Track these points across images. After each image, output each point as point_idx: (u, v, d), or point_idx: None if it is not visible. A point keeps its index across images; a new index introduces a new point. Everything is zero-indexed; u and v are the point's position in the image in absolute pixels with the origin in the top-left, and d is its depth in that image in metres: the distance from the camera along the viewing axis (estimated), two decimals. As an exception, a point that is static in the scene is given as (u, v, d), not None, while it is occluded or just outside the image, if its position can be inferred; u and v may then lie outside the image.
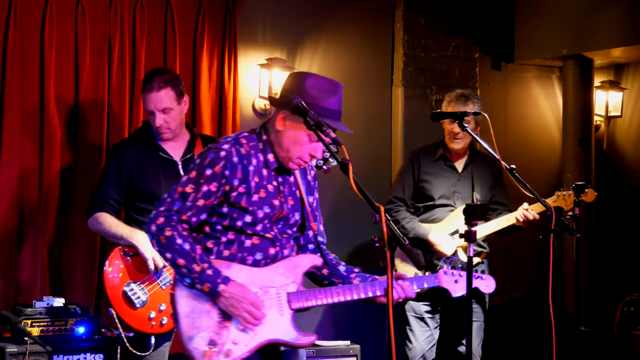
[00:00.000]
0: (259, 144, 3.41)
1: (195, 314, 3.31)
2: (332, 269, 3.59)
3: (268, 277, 3.39)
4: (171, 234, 3.27)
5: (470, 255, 3.95)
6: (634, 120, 7.17)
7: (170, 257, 3.28)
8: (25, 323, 4.61)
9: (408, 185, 5.44)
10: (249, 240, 3.38)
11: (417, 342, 5.38)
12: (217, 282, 3.27)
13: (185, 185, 3.32)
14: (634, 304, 6.59)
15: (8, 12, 5.13)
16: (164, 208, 3.31)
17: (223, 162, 3.31)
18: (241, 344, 3.31)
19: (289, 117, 3.35)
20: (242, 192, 3.34)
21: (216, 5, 5.72)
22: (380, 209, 3.13)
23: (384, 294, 3.50)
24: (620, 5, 6.27)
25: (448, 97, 5.39)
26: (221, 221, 3.37)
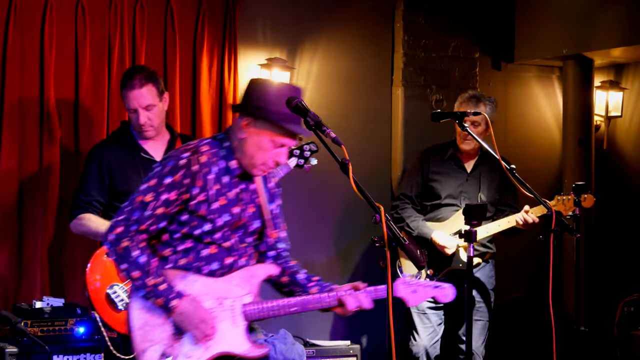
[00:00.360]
0: (220, 151, 3.39)
1: (149, 326, 3.32)
2: (292, 277, 3.59)
3: (223, 288, 3.38)
4: (128, 244, 3.28)
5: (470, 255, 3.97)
6: (634, 120, 7.17)
7: (125, 269, 3.28)
8: (25, 323, 4.60)
9: (416, 183, 5.46)
10: (206, 249, 3.37)
11: (419, 338, 5.42)
12: (169, 298, 3.28)
13: (144, 193, 3.30)
14: (634, 304, 6.59)
15: (8, 12, 5.13)
16: (123, 217, 3.30)
17: (183, 170, 3.30)
18: (194, 357, 3.33)
19: (252, 123, 3.33)
20: (201, 200, 3.32)
21: (216, 5, 5.72)
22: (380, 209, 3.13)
23: (339, 305, 3.50)
24: (620, 5, 6.27)
25: (460, 98, 5.41)
26: (180, 229, 3.36)
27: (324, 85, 6.25)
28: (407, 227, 5.32)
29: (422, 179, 5.45)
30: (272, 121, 3.30)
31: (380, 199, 4.30)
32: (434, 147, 5.56)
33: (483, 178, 5.38)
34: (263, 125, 3.31)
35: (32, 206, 5.20)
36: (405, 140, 6.38)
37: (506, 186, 5.38)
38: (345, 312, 3.52)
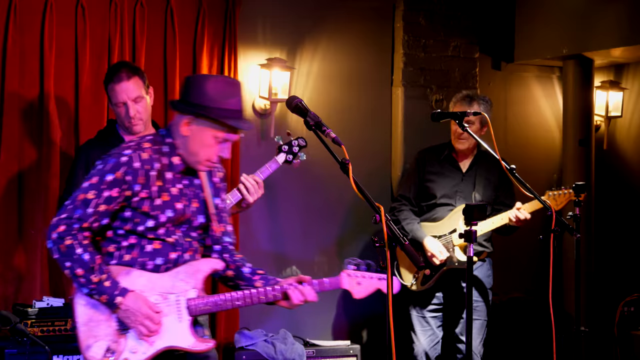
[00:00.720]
0: (163, 147, 3.42)
1: (94, 322, 3.36)
2: (237, 271, 3.61)
3: (168, 283, 3.41)
4: (71, 242, 3.29)
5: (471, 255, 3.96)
6: (634, 120, 7.17)
7: (69, 267, 3.30)
8: (25, 323, 4.60)
9: (413, 183, 5.49)
10: (150, 245, 3.40)
11: (419, 341, 5.44)
12: (114, 294, 3.31)
13: (86, 191, 3.33)
14: (634, 304, 6.59)
15: (8, 12, 5.13)
16: (65, 215, 3.31)
17: (124, 167, 3.33)
18: (139, 352, 3.36)
19: (193, 121, 3.36)
20: (144, 197, 3.36)
21: (216, 5, 5.72)
22: (380, 209, 3.13)
23: (284, 298, 3.49)
24: (619, 5, 6.26)
25: (454, 98, 5.45)
26: (123, 225, 3.39)
27: (324, 85, 6.25)
28: (402, 229, 5.34)
29: (418, 179, 5.47)
30: (212, 118, 3.32)
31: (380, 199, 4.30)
32: (430, 148, 5.59)
33: (478, 177, 5.39)
34: (204, 123, 3.34)
35: (32, 206, 5.20)
36: (405, 140, 6.38)
37: (502, 185, 5.40)
38: (290, 305, 3.51)
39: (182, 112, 3.38)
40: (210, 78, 3.42)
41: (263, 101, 5.95)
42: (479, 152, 5.44)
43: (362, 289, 3.56)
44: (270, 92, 5.83)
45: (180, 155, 3.42)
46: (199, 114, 3.33)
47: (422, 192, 5.46)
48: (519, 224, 5.14)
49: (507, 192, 5.41)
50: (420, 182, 5.47)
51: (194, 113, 3.34)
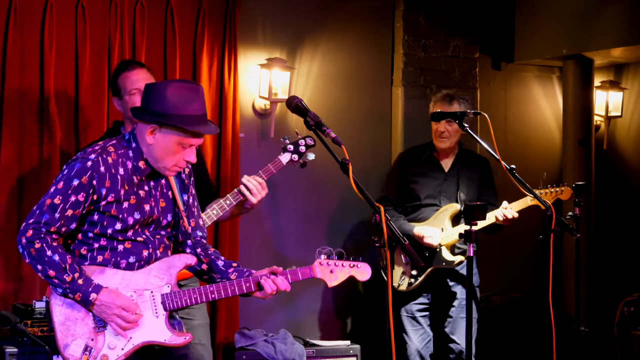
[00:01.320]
0: (128, 151, 3.44)
1: (70, 321, 3.41)
2: (210, 265, 3.64)
3: (142, 279, 3.46)
4: (40, 245, 3.34)
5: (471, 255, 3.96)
6: (634, 120, 7.17)
7: (41, 269, 3.35)
8: (25, 323, 4.60)
9: (396, 185, 5.50)
10: (121, 245, 3.44)
11: (411, 341, 5.46)
12: (88, 291, 3.35)
13: (53, 196, 3.35)
14: (634, 304, 6.59)
15: (8, 12, 5.13)
16: (32, 220, 3.35)
17: (90, 172, 3.35)
18: (117, 348, 3.41)
19: (157, 130, 3.37)
20: (111, 200, 3.39)
21: (216, 5, 5.72)
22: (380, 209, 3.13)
23: (257, 289, 3.51)
24: (619, 5, 6.26)
25: (434, 98, 5.48)
26: (92, 229, 3.41)
27: (324, 85, 6.25)
28: None
29: (401, 181, 5.47)
30: (176, 126, 3.32)
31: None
32: (412, 149, 5.63)
33: (461, 177, 5.41)
34: (168, 130, 3.35)
35: (32, 206, 5.15)
36: (405, 140, 6.38)
37: (485, 184, 5.43)
38: (264, 295, 3.53)
39: (144, 122, 3.39)
40: (170, 84, 3.40)
41: (263, 101, 5.94)
42: (459, 152, 5.47)
43: (335, 277, 3.58)
44: (270, 92, 5.83)
45: (146, 161, 3.44)
46: (161, 122, 3.33)
47: (405, 194, 5.46)
48: (506, 222, 5.15)
49: (490, 191, 5.44)
50: (403, 183, 5.47)
51: (156, 122, 3.34)
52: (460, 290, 5.37)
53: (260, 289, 3.50)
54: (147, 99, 3.38)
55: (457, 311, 5.39)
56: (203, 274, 3.66)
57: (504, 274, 6.75)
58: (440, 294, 5.42)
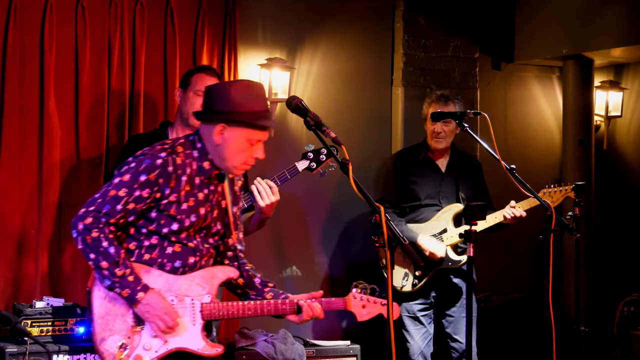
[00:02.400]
0: (194, 152, 3.47)
1: (110, 316, 3.41)
2: (248, 280, 3.68)
3: (185, 285, 3.47)
4: (98, 235, 3.33)
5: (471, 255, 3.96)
6: (634, 120, 7.17)
7: (94, 258, 3.33)
8: (25, 323, 4.60)
9: (394, 186, 5.50)
10: (170, 247, 3.45)
11: (413, 340, 5.46)
12: (136, 290, 3.36)
13: (118, 188, 3.36)
14: (634, 304, 6.59)
15: (8, 12, 5.13)
16: (93, 208, 3.35)
17: (159, 170, 3.37)
18: (151, 350, 3.42)
19: (224, 128, 3.40)
20: (172, 200, 3.40)
21: (216, 5, 5.72)
22: (380, 209, 3.13)
23: (293, 313, 3.59)
24: (620, 5, 6.26)
25: (428, 99, 5.50)
26: (147, 225, 3.43)
27: (324, 85, 6.25)
28: None
29: (399, 181, 5.47)
30: (245, 122, 3.36)
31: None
32: (407, 150, 5.67)
33: (459, 176, 5.42)
34: (236, 128, 3.39)
35: (32, 206, 5.20)
36: (405, 140, 6.38)
37: (478, 184, 5.46)
38: (299, 320, 3.61)
39: (212, 122, 3.42)
40: (232, 84, 3.48)
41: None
42: (453, 152, 5.49)
43: (366, 312, 3.71)
44: (270, 92, 5.83)
45: (211, 161, 3.46)
46: (229, 120, 3.37)
47: (404, 194, 5.47)
48: (513, 221, 5.16)
49: (483, 190, 5.49)
50: (401, 184, 5.48)
51: (224, 120, 3.38)
52: (463, 289, 5.38)
53: (298, 312, 3.58)
54: (211, 99, 3.43)
55: (459, 310, 5.39)
56: (237, 288, 3.69)
57: (504, 274, 6.75)
58: (444, 293, 5.43)
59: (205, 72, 4.62)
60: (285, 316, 3.60)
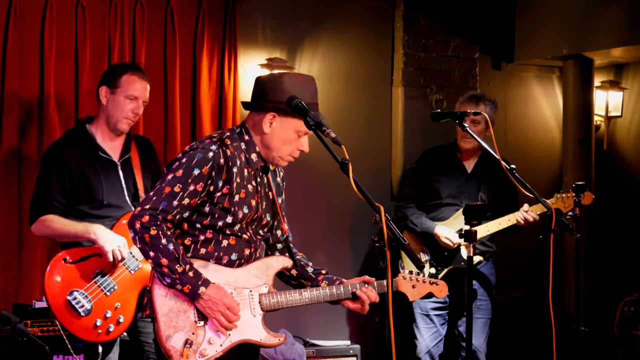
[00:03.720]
0: (241, 144, 3.48)
1: (173, 313, 3.39)
2: (301, 270, 3.68)
3: (242, 278, 3.48)
4: (156, 232, 3.32)
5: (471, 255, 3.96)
6: (634, 120, 7.17)
7: (154, 256, 3.32)
8: (25, 323, 4.60)
9: (418, 183, 5.53)
10: (225, 240, 3.45)
11: (422, 338, 5.47)
12: (197, 285, 3.35)
13: (172, 184, 3.35)
14: (634, 304, 6.59)
15: (8, 12, 5.13)
16: (149, 206, 3.34)
17: (211, 163, 3.37)
18: (216, 344, 3.41)
19: (275, 119, 3.43)
20: (225, 193, 3.40)
21: (216, 5, 5.72)
22: (380, 209, 3.13)
23: (349, 298, 3.58)
24: (620, 5, 6.26)
25: (461, 98, 5.52)
26: (201, 220, 3.42)
27: (324, 85, 6.24)
28: (410, 223, 5.40)
29: (423, 179, 5.49)
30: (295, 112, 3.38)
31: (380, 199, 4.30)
32: (435, 148, 5.63)
33: (483, 178, 5.42)
34: (286, 119, 3.43)
35: (32, 206, 5.20)
36: (405, 140, 6.38)
37: (506, 186, 5.41)
38: (355, 307, 3.61)
39: (262, 111, 3.44)
40: (285, 75, 3.51)
41: (263, 101, 5.94)
42: (483, 153, 5.46)
43: (416, 292, 3.72)
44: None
45: (258, 153, 3.48)
46: (280, 109, 3.40)
47: (427, 192, 5.48)
48: (527, 225, 5.17)
49: (510, 193, 5.43)
50: (425, 181, 5.49)
51: (275, 110, 3.41)
52: (479, 290, 5.38)
53: (354, 299, 3.58)
54: (262, 89, 3.46)
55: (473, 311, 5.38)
56: (292, 279, 3.69)
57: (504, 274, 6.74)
58: (457, 293, 5.43)
59: (137, 74, 4.42)
60: (340, 302, 3.60)
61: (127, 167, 4.47)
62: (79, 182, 4.37)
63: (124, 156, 4.48)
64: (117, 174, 4.43)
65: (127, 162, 4.47)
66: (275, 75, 3.52)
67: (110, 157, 4.44)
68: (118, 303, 4.25)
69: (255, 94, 3.50)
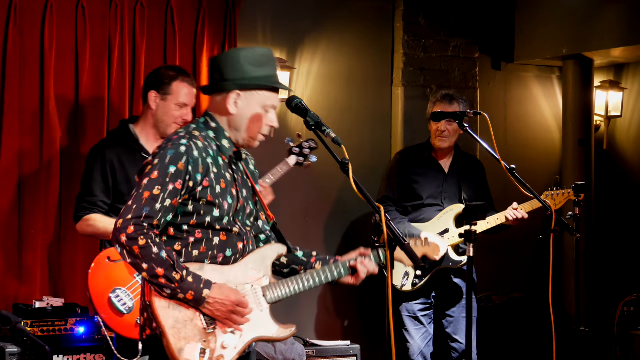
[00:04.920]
0: (209, 132, 3.35)
1: (180, 324, 3.20)
2: (291, 256, 3.53)
3: (240, 273, 3.32)
4: (145, 242, 3.13)
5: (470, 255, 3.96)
6: (634, 120, 7.17)
7: (147, 268, 3.13)
8: (25, 323, 4.60)
9: (397, 185, 5.50)
10: (216, 237, 3.29)
11: (413, 340, 5.46)
12: (200, 289, 3.18)
13: (150, 188, 3.19)
14: (634, 304, 6.59)
15: (8, 12, 5.13)
16: (131, 215, 3.15)
17: (185, 157, 3.22)
18: (230, 347, 3.26)
19: (239, 97, 3.31)
20: (206, 186, 3.25)
21: (216, 5, 5.72)
22: (380, 209, 3.13)
23: (349, 273, 3.44)
24: (620, 5, 6.26)
25: (433, 98, 5.50)
26: (187, 220, 3.26)
27: (324, 85, 6.25)
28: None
29: (402, 180, 5.48)
30: (260, 85, 3.29)
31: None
32: (409, 149, 5.67)
33: (462, 177, 5.43)
34: (250, 95, 3.30)
35: (32, 206, 5.20)
36: (405, 140, 6.38)
37: (481, 185, 5.46)
38: (356, 281, 3.46)
39: (225, 90, 3.32)
40: (241, 50, 3.38)
41: (263, 101, 5.94)
42: (457, 152, 5.49)
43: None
44: (270, 92, 5.82)
45: (229, 138, 3.36)
46: (243, 85, 3.29)
47: (406, 193, 5.47)
48: (515, 223, 5.16)
49: (486, 192, 5.49)
50: (403, 183, 5.47)
51: (239, 86, 3.29)
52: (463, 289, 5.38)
53: (353, 273, 3.43)
54: (220, 69, 3.33)
55: (459, 311, 5.40)
56: (283, 268, 3.51)
57: (504, 274, 6.74)
58: (444, 293, 5.43)
59: (187, 80, 4.50)
60: (341, 280, 3.44)
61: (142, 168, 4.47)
62: (122, 182, 4.45)
63: None
64: None
65: None
66: (230, 52, 3.38)
67: None
68: None
69: (213, 76, 3.36)
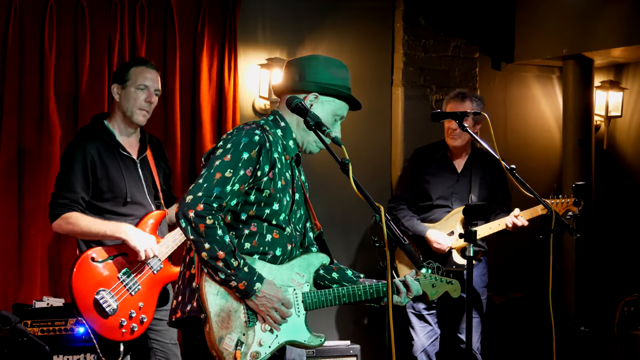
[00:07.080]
0: (277, 131, 3.38)
1: (225, 313, 3.21)
2: (341, 273, 3.56)
3: (286, 275, 3.34)
4: (212, 222, 3.11)
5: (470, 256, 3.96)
6: (634, 120, 7.17)
7: (209, 248, 3.11)
8: (25, 323, 4.60)
9: (409, 184, 5.51)
10: (269, 234, 3.30)
11: (417, 337, 5.47)
12: (253, 281, 3.18)
13: (223, 169, 3.18)
14: (634, 304, 6.59)
15: (8, 12, 5.13)
16: (202, 193, 3.13)
17: (258, 146, 3.24)
18: (265, 345, 3.27)
19: (317, 99, 3.37)
20: (271, 178, 3.28)
21: (216, 5, 5.72)
22: (381, 209, 3.13)
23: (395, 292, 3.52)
24: (620, 5, 6.26)
25: (447, 96, 5.48)
26: (247, 210, 3.27)
27: (324, 85, 6.24)
28: (402, 226, 5.35)
29: (414, 179, 5.47)
30: (339, 93, 3.35)
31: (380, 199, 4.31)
32: (425, 147, 5.60)
33: (474, 178, 5.39)
34: (326, 101, 3.37)
35: (32, 206, 5.20)
36: (405, 140, 6.38)
37: (498, 185, 5.41)
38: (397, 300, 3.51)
39: (304, 90, 3.35)
40: (323, 57, 3.45)
41: (263, 101, 5.95)
42: (473, 151, 5.45)
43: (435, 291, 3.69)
44: (271, 92, 5.83)
45: (294, 139, 3.39)
46: (326, 88, 3.34)
47: (418, 193, 5.46)
48: (516, 230, 5.16)
49: (502, 191, 5.42)
50: (416, 182, 5.47)
51: (319, 89, 3.34)
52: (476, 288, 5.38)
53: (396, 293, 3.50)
54: (301, 70, 3.36)
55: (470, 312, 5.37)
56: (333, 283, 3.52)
57: (504, 274, 6.75)
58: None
59: (145, 65, 4.42)
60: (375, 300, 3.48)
61: (145, 165, 4.46)
62: (102, 179, 4.32)
63: (141, 154, 4.46)
64: (137, 171, 4.40)
65: (145, 160, 4.46)
66: (313, 57, 3.44)
67: (129, 154, 4.40)
68: (141, 303, 4.26)
69: (291, 77, 3.39)
